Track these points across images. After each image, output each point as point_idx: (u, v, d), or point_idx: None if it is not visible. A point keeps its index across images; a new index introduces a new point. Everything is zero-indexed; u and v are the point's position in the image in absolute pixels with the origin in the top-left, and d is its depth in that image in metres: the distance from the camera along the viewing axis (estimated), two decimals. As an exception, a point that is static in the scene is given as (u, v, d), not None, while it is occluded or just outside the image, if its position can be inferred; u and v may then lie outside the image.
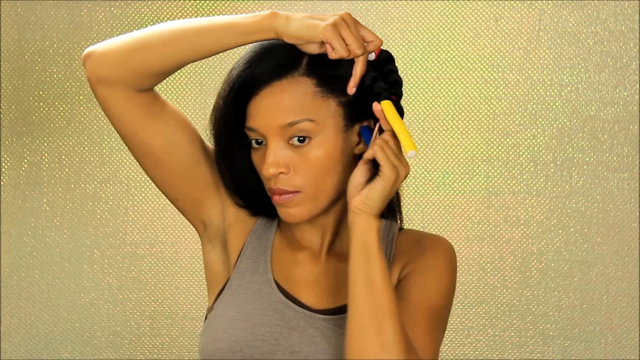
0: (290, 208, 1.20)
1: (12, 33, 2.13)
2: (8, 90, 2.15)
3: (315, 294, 1.27)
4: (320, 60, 1.17)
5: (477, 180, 2.23)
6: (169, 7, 2.16)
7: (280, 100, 1.16)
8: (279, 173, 1.18)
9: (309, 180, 1.19)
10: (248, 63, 1.18)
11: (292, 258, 1.30)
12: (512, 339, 2.28)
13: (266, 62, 1.17)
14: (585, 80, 2.17)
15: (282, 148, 1.18)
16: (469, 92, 2.20)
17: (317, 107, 1.17)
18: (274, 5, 2.15)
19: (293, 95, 1.16)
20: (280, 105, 1.16)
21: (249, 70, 1.17)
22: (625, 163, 2.19)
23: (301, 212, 1.21)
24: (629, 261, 2.21)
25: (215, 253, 1.33)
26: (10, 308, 2.23)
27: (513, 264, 2.26)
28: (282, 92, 1.16)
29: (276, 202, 1.21)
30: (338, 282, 1.26)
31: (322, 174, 1.19)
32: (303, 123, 1.16)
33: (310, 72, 1.17)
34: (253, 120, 1.18)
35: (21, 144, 2.18)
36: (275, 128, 1.17)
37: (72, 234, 2.23)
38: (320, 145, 1.18)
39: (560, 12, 2.15)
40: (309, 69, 1.17)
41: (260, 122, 1.18)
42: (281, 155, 1.18)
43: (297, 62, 1.17)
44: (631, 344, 2.24)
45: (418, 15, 2.16)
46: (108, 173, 2.22)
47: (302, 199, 1.20)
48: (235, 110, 1.19)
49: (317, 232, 1.29)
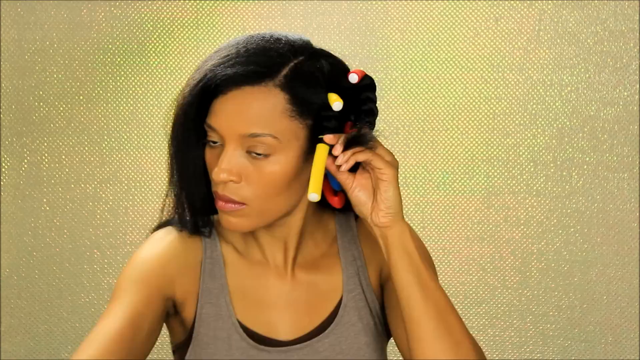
0: (232, 217, 1.15)
1: (12, 33, 2.13)
2: (8, 90, 2.15)
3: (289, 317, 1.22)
4: (298, 76, 1.12)
5: (477, 180, 2.23)
6: (169, 7, 2.15)
7: (248, 108, 1.10)
8: (229, 180, 1.12)
9: (257, 195, 1.13)
10: (225, 58, 1.11)
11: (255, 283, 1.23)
12: (512, 339, 2.28)
13: (244, 63, 1.10)
14: (585, 80, 2.17)
15: (239, 155, 1.12)
16: (469, 92, 2.20)
17: (284, 125, 1.11)
18: (273, 5, 2.15)
19: (262, 105, 1.10)
20: (246, 113, 1.10)
21: (223, 67, 1.10)
22: (625, 163, 2.19)
23: (243, 223, 1.15)
24: (629, 261, 2.21)
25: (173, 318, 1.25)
26: (10, 308, 2.23)
27: (513, 264, 2.26)
28: (251, 99, 1.10)
29: (219, 208, 1.15)
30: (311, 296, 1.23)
31: (273, 191, 1.13)
32: (266, 138, 1.10)
33: (285, 87, 1.10)
34: (215, 119, 1.12)
35: (21, 144, 2.18)
36: (235, 134, 1.11)
37: (72, 234, 2.23)
38: (278, 163, 1.12)
39: (560, 12, 2.14)
40: (285, 82, 1.10)
41: (221, 123, 1.11)
42: (236, 162, 1.12)
43: (274, 71, 1.11)
44: (631, 344, 2.24)
45: (418, 15, 2.16)
46: (108, 173, 2.22)
47: (247, 212, 1.14)
48: (199, 102, 1.12)
49: (278, 247, 1.23)
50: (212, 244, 1.24)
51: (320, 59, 1.15)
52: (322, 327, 1.22)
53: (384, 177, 1.12)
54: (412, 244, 1.13)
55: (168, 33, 2.17)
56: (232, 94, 1.10)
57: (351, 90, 1.14)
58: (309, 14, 2.15)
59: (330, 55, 1.18)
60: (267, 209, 1.15)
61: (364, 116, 1.16)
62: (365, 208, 1.14)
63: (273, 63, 1.11)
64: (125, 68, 2.18)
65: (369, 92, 1.17)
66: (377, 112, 1.17)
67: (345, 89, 1.14)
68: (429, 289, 1.12)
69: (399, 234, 1.13)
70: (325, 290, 1.25)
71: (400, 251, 1.13)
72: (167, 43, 2.17)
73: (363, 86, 1.16)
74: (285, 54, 1.12)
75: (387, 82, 2.17)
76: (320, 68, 1.14)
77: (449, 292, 2.37)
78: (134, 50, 2.17)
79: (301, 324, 1.22)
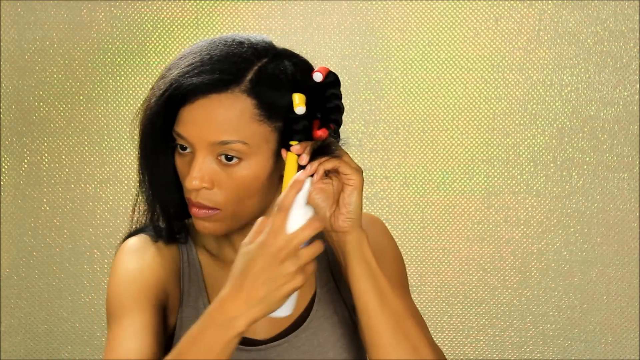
0: (206, 222, 1.16)
1: (12, 33, 2.13)
2: (8, 90, 2.15)
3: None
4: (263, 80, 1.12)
5: (477, 180, 2.23)
6: (169, 7, 2.16)
7: (216, 116, 1.10)
8: (201, 187, 1.13)
9: (230, 199, 1.14)
10: (190, 67, 1.11)
11: None
12: (512, 339, 2.28)
13: (208, 72, 1.11)
14: (585, 80, 2.17)
15: (210, 162, 1.13)
16: (469, 92, 2.20)
17: (253, 130, 1.11)
18: (273, 5, 2.15)
19: (229, 112, 1.10)
20: (214, 121, 1.10)
21: (188, 76, 1.11)
22: (625, 163, 2.19)
23: (218, 227, 1.16)
24: (629, 261, 2.21)
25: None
26: (10, 308, 2.23)
27: (513, 264, 2.26)
28: (218, 107, 1.10)
29: (194, 214, 1.16)
30: None
31: (245, 195, 1.14)
32: (236, 144, 1.11)
33: (251, 92, 1.11)
34: (184, 128, 1.12)
35: (21, 144, 2.18)
36: (205, 142, 1.11)
37: (72, 234, 2.23)
38: (249, 167, 1.13)
39: (560, 12, 2.15)
40: (250, 87, 1.11)
41: (190, 132, 1.12)
42: (207, 169, 1.12)
43: (239, 77, 1.11)
44: (631, 344, 2.24)
45: (418, 15, 2.16)
46: (108, 173, 2.22)
47: (221, 217, 1.15)
48: (165, 111, 1.12)
49: None
50: (188, 248, 1.25)
51: (284, 60, 1.15)
52: (299, 322, 1.23)
53: (350, 183, 1.13)
54: (369, 252, 1.14)
55: (168, 33, 2.17)
56: (199, 102, 1.11)
57: (316, 88, 1.15)
58: (309, 14, 2.15)
59: (293, 55, 1.18)
60: (241, 212, 1.16)
61: (330, 113, 1.16)
62: (322, 212, 1.15)
63: (238, 69, 1.11)
64: (125, 68, 2.18)
65: (334, 89, 1.16)
66: (343, 109, 1.17)
67: (311, 88, 1.14)
68: (387, 297, 1.13)
69: (357, 241, 1.14)
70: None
71: (358, 258, 1.13)
72: (167, 43, 2.17)
73: (328, 83, 1.16)
74: (249, 57, 1.13)
75: (387, 82, 2.18)
76: (284, 70, 1.14)
77: (449, 292, 2.38)
78: (134, 50, 2.17)
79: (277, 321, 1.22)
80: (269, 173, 1.15)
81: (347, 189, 1.13)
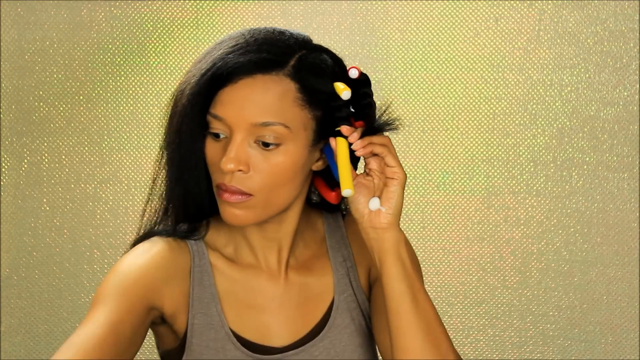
0: (237, 209, 1.12)
1: (12, 33, 2.13)
2: (8, 90, 2.15)
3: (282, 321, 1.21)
4: (306, 66, 1.12)
5: (477, 180, 2.23)
6: (169, 7, 2.16)
7: (260, 96, 1.09)
8: (237, 170, 1.10)
9: (265, 185, 1.11)
10: (235, 47, 1.10)
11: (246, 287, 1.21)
12: (512, 339, 2.28)
13: (254, 52, 1.09)
14: (585, 80, 2.17)
15: (247, 145, 1.10)
16: (469, 92, 2.20)
17: (294, 114, 1.11)
18: (273, 5, 2.15)
19: (272, 94, 1.09)
20: (257, 101, 1.09)
21: (235, 55, 1.09)
22: (625, 163, 2.19)
23: (248, 216, 1.13)
24: (629, 261, 2.21)
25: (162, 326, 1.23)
26: (10, 308, 2.23)
27: (513, 264, 2.26)
28: (263, 88, 1.09)
29: (224, 200, 1.12)
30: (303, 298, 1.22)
31: (280, 182, 1.12)
32: (277, 127, 1.10)
33: (294, 76, 1.11)
34: (222, 109, 1.10)
35: (21, 144, 2.18)
36: (246, 123, 1.09)
37: (72, 234, 2.23)
38: (287, 153, 1.11)
39: (560, 12, 2.15)
40: (294, 71, 1.11)
41: (230, 112, 1.09)
42: (244, 152, 1.10)
43: (284, 61, 1.11)
44: (631, 344, 2.24)
45: (418, 15, 2.16)
46: (108, 173, 2.22)
47: (253, 204, 1.12)
48: (206, 91, 1.10)
49: (272, 249, 1.22)
50: (200, 251, 1.22)
51: (322, 53, 1.17)
52: (316, 331, 1.22)
53: (395, 176, 1.13)
54: (405, 253, 1.13)
55: (168, 33, 2.17)
56: (243, 82, 1.09)
57: (351, 85, 1.15)
58: (309, 14, 2.15)
59: (329, 51, 1.20)
60: (272, 200, 1.14)
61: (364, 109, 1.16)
62: (362, 208, 1.14)
63: (282, 52, 1.11)
64: (125, 68, 2.18)
65: (366, 87, 1.17)
66: (375, 105, 1.18)
67: (347, 84, 1.15)
68: (421, 300, 1.12)
69: (395, 240, 1.13)
70: (317, 292, 1.24)
71: (394, 258, 1.12)
72: (167, 43, 2.17)
73: (361, 81, 1.17)
74: (292, 45, 1.13)
75: (387, 82, 2.18)
76: (324, 60, 1.15)
77: (449, 292, 2.38)
78: (134, 50, 2.17)
79: (294, 328, 1.21)
80: (303, 162, 1.13)
81: (391, 184, 1.12)
